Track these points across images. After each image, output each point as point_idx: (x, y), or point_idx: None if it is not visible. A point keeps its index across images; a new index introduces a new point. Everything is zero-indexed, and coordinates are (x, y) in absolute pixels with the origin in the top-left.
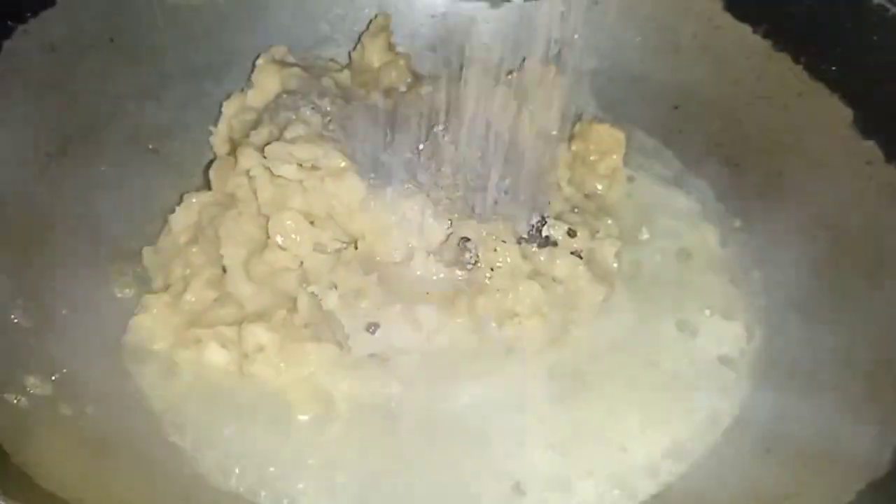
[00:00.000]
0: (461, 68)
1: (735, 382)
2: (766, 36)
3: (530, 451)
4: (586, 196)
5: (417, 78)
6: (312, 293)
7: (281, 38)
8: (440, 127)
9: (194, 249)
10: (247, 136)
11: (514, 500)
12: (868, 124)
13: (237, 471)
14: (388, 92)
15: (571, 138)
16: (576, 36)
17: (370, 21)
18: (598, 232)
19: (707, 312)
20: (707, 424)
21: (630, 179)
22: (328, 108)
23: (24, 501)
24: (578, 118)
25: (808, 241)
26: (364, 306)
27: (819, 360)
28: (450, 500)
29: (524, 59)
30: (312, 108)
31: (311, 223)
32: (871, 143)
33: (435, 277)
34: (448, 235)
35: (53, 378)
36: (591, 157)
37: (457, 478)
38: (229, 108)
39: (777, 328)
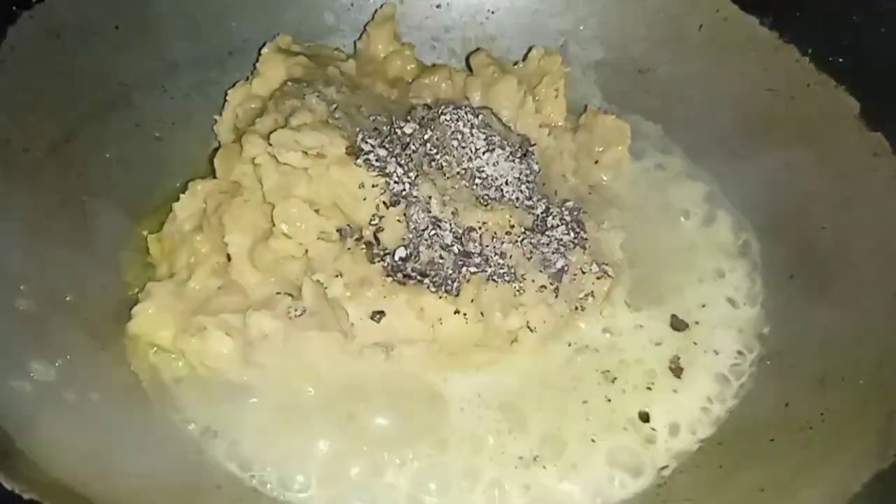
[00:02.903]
0: (466, 58)
1: (739, 372)
2: (772, 27)
3: (533, 440)
4: (591, 187)
5: (423, 68)
6: (317, 281)
7: (286, 28)
8: (446, 117)
9: (199, 237)
10: (252, 124)
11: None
12: (875, 116)
13: (243, 457)
14: (394, 82)
15: (577, 129)
16: (581, 27)
17: (375, 11)
18: (603, 223)
19: (712, 304)
20: (710, 410)
21: (635, 171)
22: (334, 97)
23: (28, 485)
24: (584, 109)
25: (815, 233)
26: (369, 295)
27: (825, 353)
28: (453, 487)
29: (530, 50)
30: (318, 96)
31: (316, 211)
32: (877, 135)
33: (441, 267)
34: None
35: (57, 364)
36: (597, 148)
37: (460, 466)
38: (234, 96)
39: (782, 321)
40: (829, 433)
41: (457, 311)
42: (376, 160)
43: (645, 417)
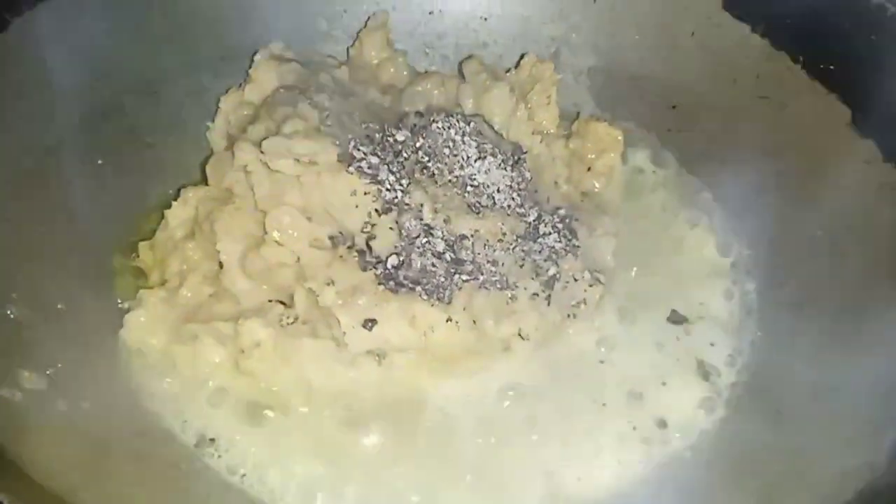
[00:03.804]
0: (459, 65)
1: (730, 381)
2: (764, 35)
3: (529, 447)
4: (584, 194)
5: (415, 74)
6: (309, 289)
7: (279, 35)
8: (438, 124)
9: (191, 245)
10: (244, 131)
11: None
12: (866, 123)
13: (234, 466)
14: (386, 88)
15: (569, 136)
16: (574, 34)
17: (368, 18)
18: (595, 230)
19: (703, 311)
20: (701, 417)
21: (627, 178)
22: (326, 104)
23: (18, 496)
24: (576, 116)
25: (806, 240)
26: (361, 303)
27: (817, 361)
28: (446, 494)
29: (522, 57)
30: (310, 104)
31: (308, 219)
32: (869, 143)
33: (432, 275)
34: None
35: (48, 373)
36: (589, 156)
37: (453, 473)
38: (227, 103)
39: (774, 329)
40: (820, 442)
41: (449, 319)
42: (368, 168)
43: (634, 422)
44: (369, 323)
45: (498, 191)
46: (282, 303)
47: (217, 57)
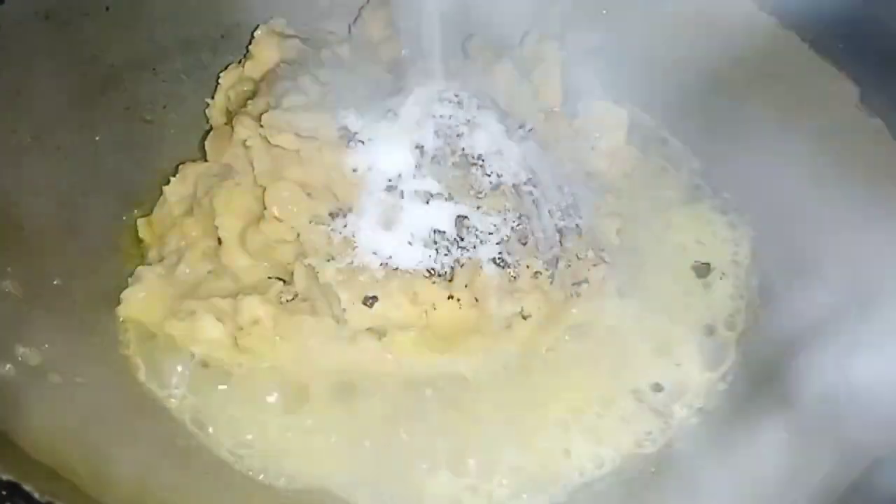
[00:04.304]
0: (463, 42)
1: (726, 356)
2: (772, 13)
3: (528, 427)
4: (588, 173)
5: (418, 52)
6: (309, 265)
7: (279, 11)
8: (441, 100)
9: (189, 221)
10: (244, 106)
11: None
12: (875, 102)
13: (232, 443)
14: (389, 66)
15: (573, 115)
16: (579, 13)
17: None
18: (599, 209)
19: (705, 289)
20: (700, 395)
21: (631, 157)
22: (327, 79)
23: (11, 470)
24: (581, 96)
25: (813, 219)
26: (362, 279)
27: (820, 336)
28: (443, 474)
29: (526, 35)
30: (311, 78)
31: (308, 194)
32: (877, 122)
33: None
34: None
35: (44, 348)
36: (594, 135)
37: (451, 447)
38: (227, 78)
39: (780, 310)
40: (826, 420)
41: (450, 297)
42: (369, 142)
43: (634, 398)
44: (370, 300)
45: (502, 167)
46: (281, 279)
47: (217, 33)
